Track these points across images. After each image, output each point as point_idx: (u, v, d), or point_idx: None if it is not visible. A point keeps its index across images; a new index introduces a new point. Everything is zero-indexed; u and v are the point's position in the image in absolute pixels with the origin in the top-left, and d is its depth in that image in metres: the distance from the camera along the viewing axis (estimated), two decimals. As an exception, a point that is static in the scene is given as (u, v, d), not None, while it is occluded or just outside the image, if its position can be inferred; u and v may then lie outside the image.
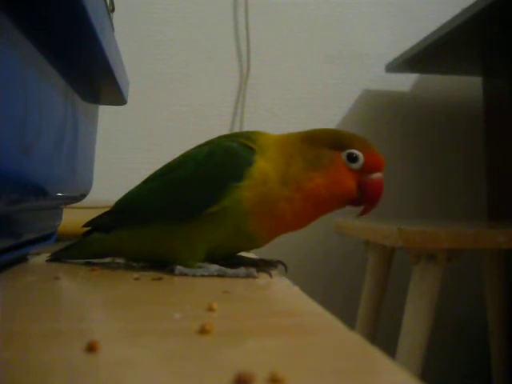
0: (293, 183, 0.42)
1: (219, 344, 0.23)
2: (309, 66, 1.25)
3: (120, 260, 0.49)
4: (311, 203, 0.42)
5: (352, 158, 0.42)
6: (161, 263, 0.44)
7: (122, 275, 0.42)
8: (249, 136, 0.45)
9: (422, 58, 1.10)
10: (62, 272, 0.43)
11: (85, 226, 0.48)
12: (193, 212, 0.42)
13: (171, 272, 0.42)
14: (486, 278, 1.04)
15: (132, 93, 0.55)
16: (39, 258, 0.51)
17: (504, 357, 1.03)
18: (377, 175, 0.43)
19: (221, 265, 0.42)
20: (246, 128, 1.20)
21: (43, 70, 0.34)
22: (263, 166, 0.42)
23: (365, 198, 0.43)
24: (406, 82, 1.29)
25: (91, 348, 0.21)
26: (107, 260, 0.49)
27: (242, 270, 0.41)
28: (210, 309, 0.29)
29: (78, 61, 0.38)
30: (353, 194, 0.43)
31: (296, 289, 0.37)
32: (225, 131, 1.20)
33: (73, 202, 0.54)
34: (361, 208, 0.45)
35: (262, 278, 0.41)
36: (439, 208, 1.26)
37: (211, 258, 0.43)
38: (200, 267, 0.42)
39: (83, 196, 0.54)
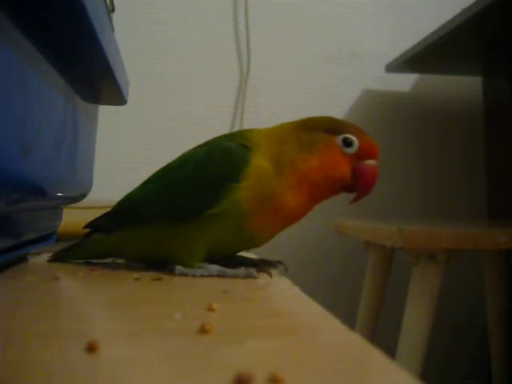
0: (287, 166, 0.42)
1: (219, 344, 0.23)
2: (309, 65, 1.25)
3: (120, 260, 0.49)
4: (306, 186, 0.42)
5: (347, 143, 0.42)
6: (161, 263, 0.44)
7: (122, 275, 0.42)
8: (244, 135, 0.45)
9: (422, 58, 1.10)
10: (61, 272, 0.43)
11: (85, 227, 0.48)
12: (192, 213, 0.42)
13: (171, 272, 0.42)
14: (486, 278, 1.04)
15: (132, 93, 0.55)
16: (39, 258, 0.51)
17: (504, 357, 1.03)
18: (371, 162, 0.43)
19: (221, 265, 0.42)
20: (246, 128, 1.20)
21: (43, 70, 0.34)
22: (259, 163, 0.42)
23: (358, 183, 0.43)
24: (406, 82, 1.29)
25: (91, 348, 0.21)
26: (107, 260, 0.49)
27: (241, 270, 0.41)
28: (210, 309, 0.29)
29: (78, 61, 0.38)
30: (347, 178, 0.43)
31: (296, 289, 0.37)
32: (225, 131, 1.20)
33: (73, 202, 0.54)
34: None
35: (262, 278, 0.41)
36: (439, 208, 1.26)
37: (211, 258, 0.43)
38: (200, 267, 0.42)
39: (83, 196, 0.54)
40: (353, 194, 0.45)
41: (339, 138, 0.42)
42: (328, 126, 0.43)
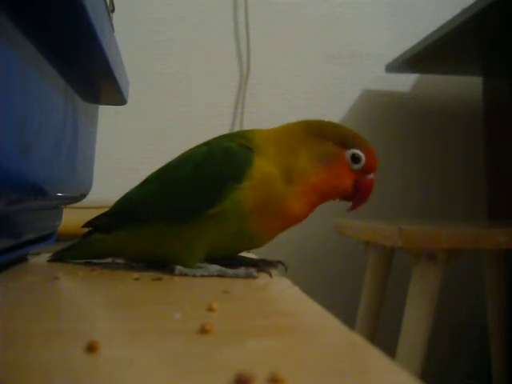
0: (298, 177, 0.42)
1: (219, 344, 0.23)
2: (309, 66, 1.25)
3: (120, 260, 0.49)
4: (314, 197, 0.43)
5: (355, 159, 0.43)
6: (161, 263, 0.44)
7: (121, 275, 0.42)
8: (245, 135, 0.45)
9: (422, 58, 1.10)
10: (61, 272, 0.43)
11: (84, 226, 0.48)
12: (192, 213, 0.42)
13: (171, 272, 0.42)
14: (486, 278, 1.04)
15: (132, 93, 0.55)
16: (39, 258, 0.51)
17: (504, 357, 1.03)
18: (371, 176, 0.45)
19: (221, 265, 0.42)
20: (246, 128, 1.20)
21: (43, 70, 0.34)
22: (263, 165, 0.42)
23: (357, 195, 0.45)
24: (406, 82, 1.29)
25: (91, 348, 0.21)
26: (107, 260, 0.49)
27: (242, 270, 0.41)
28: (210, 309, 0.29)
29: (78, 61, 0.38)
30: (347, 191, 0.44)
31: (296, 289, 0.37)
32: (225, 131, 1.20)
33: (73, 202, 0.54)
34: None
35: (262, 278, 0.41)
36: (439, 208, 1.26)
37: (211, 258, 0.43)
38: (200, 267, 0.42)
39: (83, 196, 0.54)
40: (347, 201, 0.46)
41: (348, 153, 0.43)
42: (339, 139, 0.44)
